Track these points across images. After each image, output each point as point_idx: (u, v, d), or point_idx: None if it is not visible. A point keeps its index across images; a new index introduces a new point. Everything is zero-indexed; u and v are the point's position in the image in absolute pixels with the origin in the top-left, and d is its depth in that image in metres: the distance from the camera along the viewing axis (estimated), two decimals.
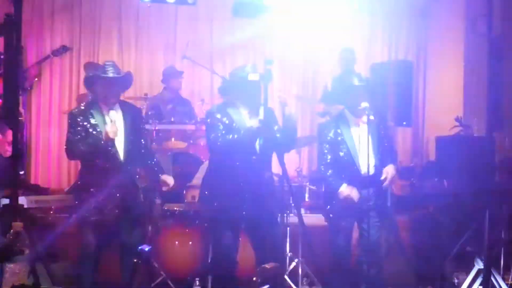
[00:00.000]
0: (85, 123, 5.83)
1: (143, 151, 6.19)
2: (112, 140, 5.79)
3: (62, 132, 10.29)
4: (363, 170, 6.05)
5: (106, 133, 5.74)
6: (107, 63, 6.04)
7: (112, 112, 5.83)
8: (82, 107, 5.97)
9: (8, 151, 6.63)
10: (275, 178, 6.30)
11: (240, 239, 5.92)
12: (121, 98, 6.24)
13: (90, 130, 5.83)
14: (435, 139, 9.21)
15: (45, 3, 10.35)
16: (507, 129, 8.51)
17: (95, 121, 5.85)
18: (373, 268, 6.15)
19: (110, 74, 5.89)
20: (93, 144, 5.77)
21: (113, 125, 5.77)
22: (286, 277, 6.90)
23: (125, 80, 6.12)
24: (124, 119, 5.97)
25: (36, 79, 9.19)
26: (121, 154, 5.92)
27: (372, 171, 6.00)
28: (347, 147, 6.07)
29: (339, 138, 6.11)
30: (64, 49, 9.14)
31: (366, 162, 5.99)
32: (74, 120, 5.86)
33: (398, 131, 10.94)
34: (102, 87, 5.92)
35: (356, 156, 6.05)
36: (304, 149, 10.26)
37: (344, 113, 6.24)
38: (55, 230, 7.16)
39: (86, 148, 5.77)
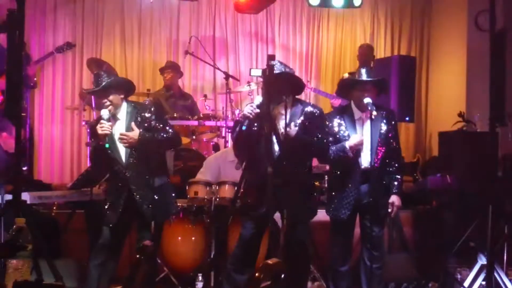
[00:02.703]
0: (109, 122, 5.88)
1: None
2: (104, 138, 5.74)
3: (65, 128, 10.33)
4: (363, 164, 6.06)
5: (98, 133, 5.72)
6: (97, 73, 6.07)
7: (104, 111, 5.79)
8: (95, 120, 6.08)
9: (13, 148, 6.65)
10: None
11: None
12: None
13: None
14: (438, 134, 9.20)
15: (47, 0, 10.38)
16: (510, 124, 8.49)
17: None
18: (375, 263, 6.15)
19: (93, 86, 5.95)
20: (96, 146, 5.82)
21: (102, 123, 5.70)
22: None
23: (114, 86, 5.95)
24: (128, 123, 5.88)
25: (35, 78, 9.13)
26: (123, 157, 5.87)
27: (366, 166, 6.04)
28: (347, 139, 6.07)
29: (343, 130, 6.12)
30: (68, 45, 9.11)
31: (366, 156, 6.02)
32: (91, 129, 5.91)
33: (401, 127, 10.95)
34: (95, 99, 6.02)
35: (358, 150, 6.06)
36: None
37: (350, 106, 6.25)
38: (60, 225, 7.21)
39: (92, 151, 5.85)
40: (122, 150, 5.87)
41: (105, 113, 5.75)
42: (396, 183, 6.17)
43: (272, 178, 5.31)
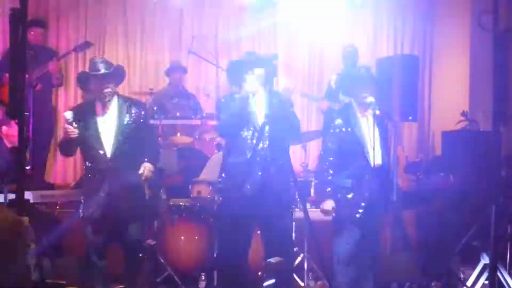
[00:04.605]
0: (74, 123, 5.79)
1: (144, 147, 6.05)
2: (70, 139, 5.78)
3: None
4: (373, 162, 6.02)
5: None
6: (96, 59, 5.96)
7: (68, 113, 5.80)
8: (76, 107, 6.04)
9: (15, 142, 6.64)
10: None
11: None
12: (127, 93, 6.19)
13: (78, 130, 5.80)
14: (441, 133, 9.21)
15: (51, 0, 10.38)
16: None
17: (83, 122, 5.84)
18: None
19: (102, 71, 5.83)
20: (65, 143, 5.88)
21: (67, 127, 5.73)
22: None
23: (117, 75, 6.03)
24: (119, 117, 5.89)
25: (60, 74, 9.02)
26: (108, 153, 5.83)
27: (379, 163, 6.01)
28: (356, 138, 6.03)
29: (348, 129, 6.06)
30: (86, 45, 9.07)
31: (373, 154, 5.98)
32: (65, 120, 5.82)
33: (404, 126, 10.95)
34: (94, 85, 5.87)
35: (366, 147, 6.01)
36: (310, 144, 10.25)
37: (351, 105, 6.20)
38: (61, 225, 7.20)
39: (61, 148, 5.98)
40: (107, 144, 5.85)
41: (68, 114, 5.77)
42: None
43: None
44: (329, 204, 5.96)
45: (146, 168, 5.85)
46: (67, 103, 10.31)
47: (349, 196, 6.01)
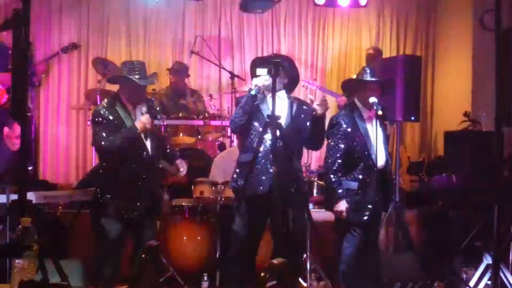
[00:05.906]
0: (111, 117, 5.72)
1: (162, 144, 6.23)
2: (149, 131, 5.78)
3: (70, 127, 10.34)
4: (379, 164, 5.99)
5: (143, 124, 5.69)
6: (137, 64, 5.96)
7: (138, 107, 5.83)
8: (105, 104, 5.84)
9: (16, 144, 6.64)
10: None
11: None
12: None
13: (117, 123, 5.74)
14: (444, 134, 9.18)
15: None
16: None
17: (121, 115, 5.77)
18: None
19: (142, 82, 5.85)
20: (128, 137, 5.68)
21: (148, 116, 5.73)
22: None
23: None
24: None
25: (43, 75, 9.16)
26: (149, 150, 5.86)
27: (382, 164, 6.00)
28: (362, 139, 6.01)
29: (353, 130, 6.05)
30: (73, 46, 9.14)
31: (379, 156, 5.95)
32: (99, 115, 5.74)
33: (406, 126, 10.93)
34: (130, 90, 5.86)
35: (372, 149, 5.99)
36: None
37: (356, 106, 6.20)
38: (65, 225, 7.20)
39: (121, 142, 5.64)
40: (147, 143, 5.87)
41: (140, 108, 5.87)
42: None
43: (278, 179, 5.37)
44: (342, 205, 5.94)
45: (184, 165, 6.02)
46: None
47: (356, 198, 5.99)
